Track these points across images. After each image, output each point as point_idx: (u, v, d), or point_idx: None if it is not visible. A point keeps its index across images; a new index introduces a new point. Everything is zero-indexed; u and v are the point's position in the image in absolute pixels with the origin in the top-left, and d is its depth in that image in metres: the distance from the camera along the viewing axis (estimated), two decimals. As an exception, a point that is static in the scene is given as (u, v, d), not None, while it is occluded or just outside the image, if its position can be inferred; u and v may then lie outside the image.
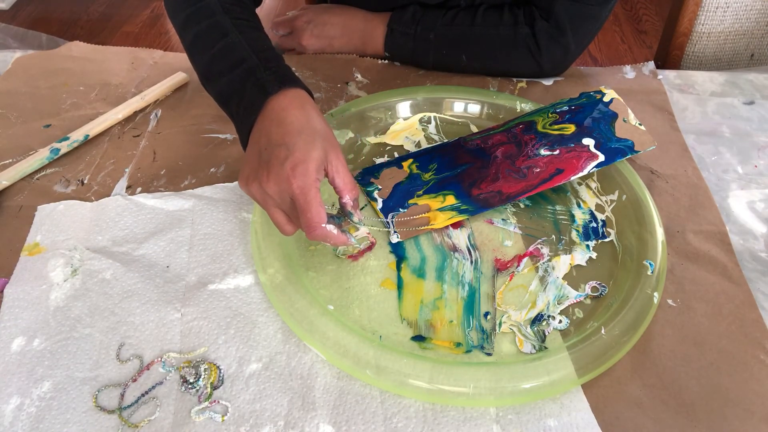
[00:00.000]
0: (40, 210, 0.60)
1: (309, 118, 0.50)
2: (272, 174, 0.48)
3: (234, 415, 0.45)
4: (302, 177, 0.47)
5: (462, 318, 0.51)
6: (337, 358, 0.46)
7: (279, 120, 0.50)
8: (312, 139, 0.49)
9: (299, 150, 0.48)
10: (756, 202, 0.62)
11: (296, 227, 0.51)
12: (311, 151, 0.48)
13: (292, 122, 0.50)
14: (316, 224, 0.47)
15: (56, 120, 0.71)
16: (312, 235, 0.48)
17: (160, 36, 2.22)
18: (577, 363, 0.46)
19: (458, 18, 0.74)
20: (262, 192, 0.49)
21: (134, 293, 0.52)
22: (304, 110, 0.51)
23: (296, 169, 0.47)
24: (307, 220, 0.47)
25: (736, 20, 0.94)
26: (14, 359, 0.48)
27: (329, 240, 0.49)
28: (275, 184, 0.47)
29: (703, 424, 0.45)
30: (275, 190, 0.48)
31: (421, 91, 0.71)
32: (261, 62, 0.54)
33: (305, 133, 0.49)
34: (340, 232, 0.50)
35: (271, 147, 0.49)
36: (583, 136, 0.61)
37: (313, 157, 0.47)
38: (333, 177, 0.50)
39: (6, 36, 0.87)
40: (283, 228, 0.51)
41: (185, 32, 0.60)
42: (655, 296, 0.51)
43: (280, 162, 0.47)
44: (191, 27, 0.59)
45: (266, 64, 0.54)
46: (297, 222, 0.50)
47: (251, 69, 0.54)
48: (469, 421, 0.45)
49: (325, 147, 0.49)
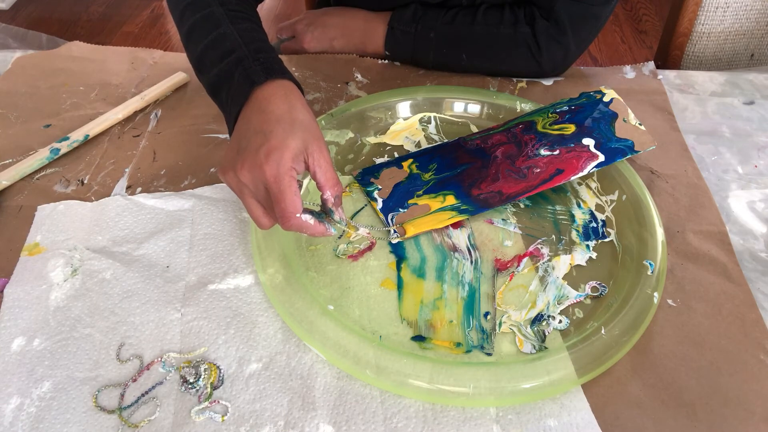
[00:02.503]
0: (40, 210, 0.60)
1: (291, 108, 0.49)
2: (247, 161, 0.46)
3: (234, 415, 0.45)
4: (276, 164, 0.45)
5: (462, 318, 0.51)
6: (337, 358, 0.46)
7: (261, 109, 0.49)
8: (291, 128, 0.47)
9: (275, 137, 0.46)
10: (756, 202, 0.62)
11: (273, 220, 0.49)
12: (287, 139, 0.46)
13: (272, 111, 0.49)
14: (290, 214, 0.46)
15: (56, 120, 0.71)
16: (286, 225, 0.47)
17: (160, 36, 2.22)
18: (577, 363, 0.46)
19: (459, 17, 0.74)
20: (237, 180, 0.48)
21: (134, 293, 0.52)
22: (288, 100, 0.50)
23: (270, 156, 0.45)
24: (280, 209, 0.46)
25: (736, 20, 0.94)
26: (14, 359, 0.48)
27: (305, 230, 0.48)
28: (248, 171, 0.46)
29: (703, 424, 0.45)
30: (249, 178, 0.47)
31: (421, 91, 0.71)
32: (250, 53, 0.54)
33: (284, 121, 0.48)
34: (317, 222, 0.48)
35: (249, 134, 0.48)
36: (583, 136, 0.61)
37: (288, 146, 0.46)
38: (314, 171, 0.48)
39: (6, 36, 0.87)
40: (259, 220, 0.49)
41: (182, 24, 0.60)
42: (655, 296, 0.51)
43: (255, 149, 0.46)
44: (188, 18, 0.59)
45: (255, 55, 0.53)
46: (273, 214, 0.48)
47: (240, 59, 0.53)
48: (469, 421, 0.45)
49: (305, 138, 0.48)
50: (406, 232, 0.57)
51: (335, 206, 0.50)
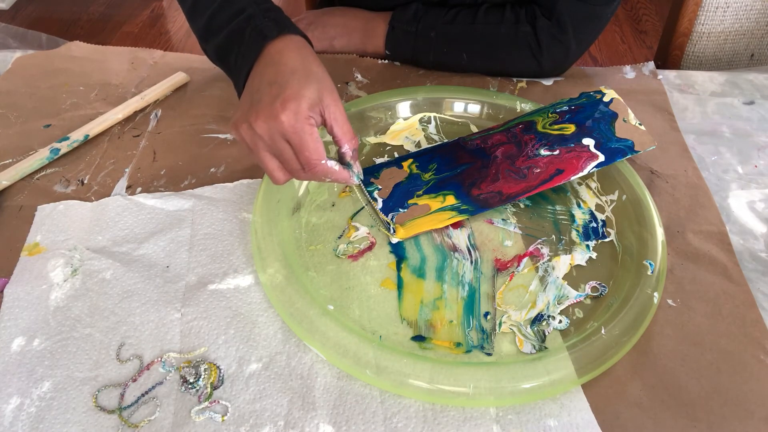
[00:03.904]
0: (40, 210, 0.60)
1: (305, 61, 0.49)
2: (262, 112, 0.46)
3: (234, 415, 0.45)
4: (293, 113, 0.45)
5: (462, 318, 0.51)
6: (337, 358, 0.46)
7: (274, 62, 0.49)
8: (306, 79, 0.47)
9: (291, 87, 0.46)
10: (756, 202, 0.62)
11: (288, 175, 0.49)
12: (303, 89, 0.46)
13: (286, 63, 0.48)
14: (315, 161, 0.45)
15: (56, 120, 0.71)
16: (312, 172, 0.46)
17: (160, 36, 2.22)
18: (577, 363, 0.46)
19: (460, 16, 0.74)
20: (251, 133, 0.46)
21: (134, 293, 0.52)
22: (301, 53, 0.50)
23: (287, 105, 0.45)
24: (305, 158, 0.45)
25: (736, 20, 0.94)
26: (14, 359, 0.48)
27: (330, 176, 0.47)
28: (264, 122, 0.45)
29: (703, 424, 0.45)
30: (264, 129, 0.46)
31: (421, 91, 0.71)
32: (261, 11, 0.54)
33: (299, 72, 0.47)
34: (342, 168, 0.47)
35: (262, 87, 0.47)
36: (583, 136, 0.61)
37: (304, 95, 0.45)
38: (331, 125, 0.48)
39: (6, 36, 0.87)
40: (274, 175, 0.48)
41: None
42: (655, 296, 0.51)
43: (270, 100, 0.46)
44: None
45: (266, 13, 0.53)
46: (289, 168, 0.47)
47: (251, 16, 0.53)
48: (469, 421, 0.45)
49: (320, 89, 0.47)
50: (405, 232, 0.57)
51: (353, 159, 0.49)
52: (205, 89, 0.76)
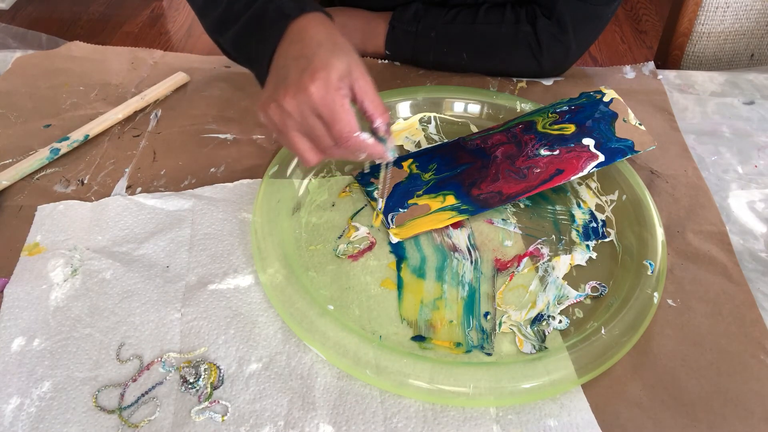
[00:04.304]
0: (40, 210, 0.60)
1: (330, 34, 0.47)
2: (290, 88, 0.44)
3: (234, 415, 0.45)
4: (323, 84, 0.43)
5: (462, 318, 0.51)
6: (337, 358, 0.46)
7: (299, 38, 0.47)
8: (333, 50, 0.45)
9: (319, 58, 0.44)
10: (756, 202, 0.62)
11: (319, 155, 0.47)
12: (331, 59, 0.44)
13: (312, 37, 0.47)
14: (348, 134, 0.43)
15: (56, 120, 0.71)
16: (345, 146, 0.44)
17: (160, 36, 2.22)
18: (577, 363, 0.46)
19: (460, 16, 0.74)
20: (280, 111, 0.45)
21: (134, 293, 0.52)
22: (326, 27, 0.48)
23: (316, 77, 0.43)
24: (337, 131, 0.43)
25: (736, 20, 0.94)
26: (14, 359, 0.48)
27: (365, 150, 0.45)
28: (293, 97, 0.44)
29: (703, 424, 0.45)
30: (294, 105, 0.44)
31: (421, 91, 0.71)
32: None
33: (326, 44, 0.46)
34: (376, 141, 0.45)
35: (288, 63, 0.46)
36: (583, 136, 0.61)
37: (334, 65, 0.44)
38: (361, 99, 0.46)
39: (6, 36, 0.87)
40: (305, 155, 0.46)
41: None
42: (655, 296, 0.51)
43: (298, 75, 0.44)
44: None
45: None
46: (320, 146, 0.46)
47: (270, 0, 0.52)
48: (469, 421, 0.45)
49: (349, 61, 0.45)
50: (405, 232, 0.57)
51: (387, 134, 0.47)
52: (205, 89, 0.76)
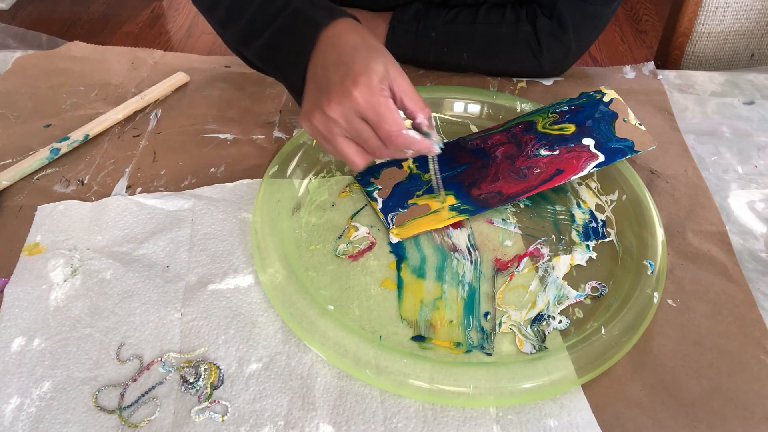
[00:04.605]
0: (40, 210, 0.60)
1: (365, 38, 0.48)
2: (333, 95, 0.45)
3: (234, 415, 0.45)
4: (366, 88, 0.44)
5: (462, 318, 0.51)
6: (337, 358, 0.46)
7: (333, 45, 0.48)
8: (370, 54, 0.46)
9: (358, 64, 0.45)
10: (756, 202, 0.62)
11: (367, 157, 0.48)
12: (370, 63, 0.45)
13: (346, 43, 0.48)
14: (397, 132, 0.45)
15: (56, 120, 0.71)
16: (394, 145, 0.45)
17: (160, 36, 2.22)
18: (577, 363, 0.46)
19: (460, 16, 0.74)
20: (325, 119, 0.46)
21: (134, 293, 0.52)
22: (358, 32, 0.49)
23: (358, 81, 0.44)
24: (385, 131, 0.45)
25: (736, 20, 0.94)
26: (14, 359, 0.48)
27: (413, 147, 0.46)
28: (338, 104, 0.45)
29: (703, 424, 0.45)
30: (339, 112, 0.45)
31: (421, 91, 0.70)
32: (305, 2, 0.53)
33: (361, 49, 0.47)
34: (422, 137, 0.47)
35: (326, 71, 0.47)
36: (583, 136, 0.61)
37: (373, 69, 0.45)
38: (401, 97, 0.47)
39: (6, 36, 0.87)
40: (353, 159, 0.48)
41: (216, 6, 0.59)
42: (655, 296, 0.51)
43: (340, 81, 0.45)
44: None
45: (311, 2, 0.53)
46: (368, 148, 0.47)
47: (298, 9, 0.52)
48: (469, 421, 0.45)
49: (386, 63, 0.46)
50: (405, 233, 0.57)
51: (430, 128, 0.49)
52: (205, 89, 0.76)
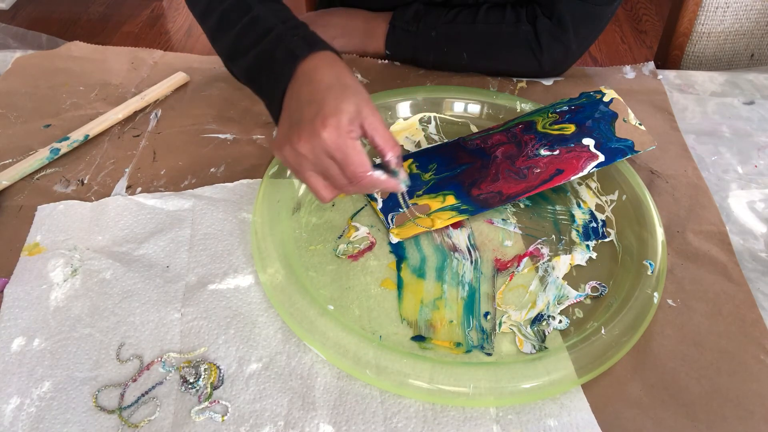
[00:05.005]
0: (40, 210, 0.60)
1: (339, 76, 0.49)
2: (303, 132, 0.46)
3: (234, 415, 0.45)
4: (334, 129, 0.45)
5: (462, 318, 0.51)
6: (337, 358, 0.46)
7: (309, 80, 0.49)
8: (342, 94, 0.47)
9: (328, 104, 0.46)
10: (756, 202, 0.62)
11: (334, 191, 0.49)
12: (341, 104, 0.46)
13: (321, 80, 0.49)
14: (362, 174, 0.46)
15: (56, 120, 0.71)
16: (360, 185, 0.46)
17: (160, 36, 2.21)
18: (577, 363, 0.46)
19: (460, 16, 0.74)
20: (295, 154, 0.47)
21: (134, 293, 0.52)
22: (334, 68, 0.50)
23: (327, 122, 0.45)
24: (351, 172, 0.46)
25: (736, 20, 0.94)
26: (14, 359, 0.48)
27: (379, 186, 0.47)
28: (307, 141, 0.46)
29: (703, 424, 0.45)
30: (308, 149, 0.46)
31: (421, 91, 0.71)
32: (288, 29, 0.54)
33: (335, 88, 0.48)
34: (389, 177, 0.48)
35: (300, 107, 0.48)
36: (583, 136, 0.61)
37: (343, 110, 0.46)
38: (372, 135, 0.48)
39: (6, 36, 0.87)
40: (321, 193, 0.49)
41: (208, 15, 0.60)
42: (655, 296, 0.51)
43: (310, 119, 0.46)
44: (215, 8, 0.59)
45: (294, 31, 0.54)
46: (335, 185, 0.48)
47: (280, 36, 0.53)
48: (469, 421, 0.45)
49: (358, 102, 0.47)
50: (405, 233, 0.57)
51: (398, 166, 0.50)
52: (205, 89, 0.76)
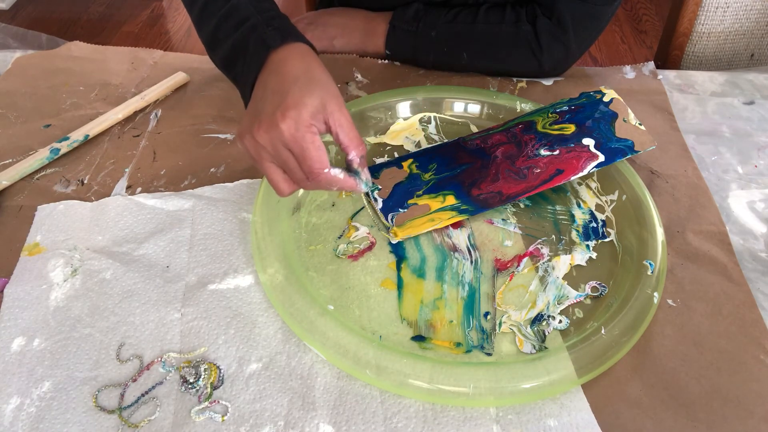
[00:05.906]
0: (40, 210, 0.60)
1: (308, 68, 0.49)
2: (264, 122, 0.46)
3: (234, 415, 0.45)
4: (293, 122, 0.45)
5: (462, 318, 0.51)
6: (337, 358, 0.46)
7: (277, 71, 0.49)
8: (307, 87, 0.47)
9: (292, 96, 0.46)
10: (756, 202, 0.62)
11: (293, 186, 0.49)
12: (304, 97, 0.46)
13: (289, 71, 0.48)
14: (318, 170, 0.45)
15: (56, 120, 0.71)
16: (315, 181, 0.46)
17: (160, 36, 2.22)
18: (577, 363, 0.46)
19: (460, 16, 0.74)
20: (254, 143, 0.47)
21: (134, 293, 0.52)
22: (304, 60, 0.50)
23: (287, 115, 0.45)
24: (307, 167, 0.45)
25: (736, 20, 0.94)
26: (14, 359, 0.48)
27: (336, 185, 0.47)
28: (266, 132, 0.45)
29: (703, 424, 0.45)
30: (266, 139, 0.46)
31: (421, 91, 0.71)
32: (265, 20, 0.54)
33: (301, 80, 0.47)
34: (347, 176, 0.47)
35: (265, 96, 0.47)
36: (583, 136, 0.61)
37: (306, 103, 0.45)
38: (336, 132, 0.47)
39: (6, 36, 0.87)
40: (278, 186, 0.48)
41: (194, 4, 0.60)
42: (655, 296, 0.51)
43: (271, 110, 0.46)
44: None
45: (270, 22, 0.53)
46: (293, 178, 0.48)
47: (255, 26, 0.53)
48: (469, 421, 0.45)
49: (323, 96, 0.47)
50: (404, 233, 0.57)
51: (361, 167, 0.49)
52: (205, 89, 0.76)
